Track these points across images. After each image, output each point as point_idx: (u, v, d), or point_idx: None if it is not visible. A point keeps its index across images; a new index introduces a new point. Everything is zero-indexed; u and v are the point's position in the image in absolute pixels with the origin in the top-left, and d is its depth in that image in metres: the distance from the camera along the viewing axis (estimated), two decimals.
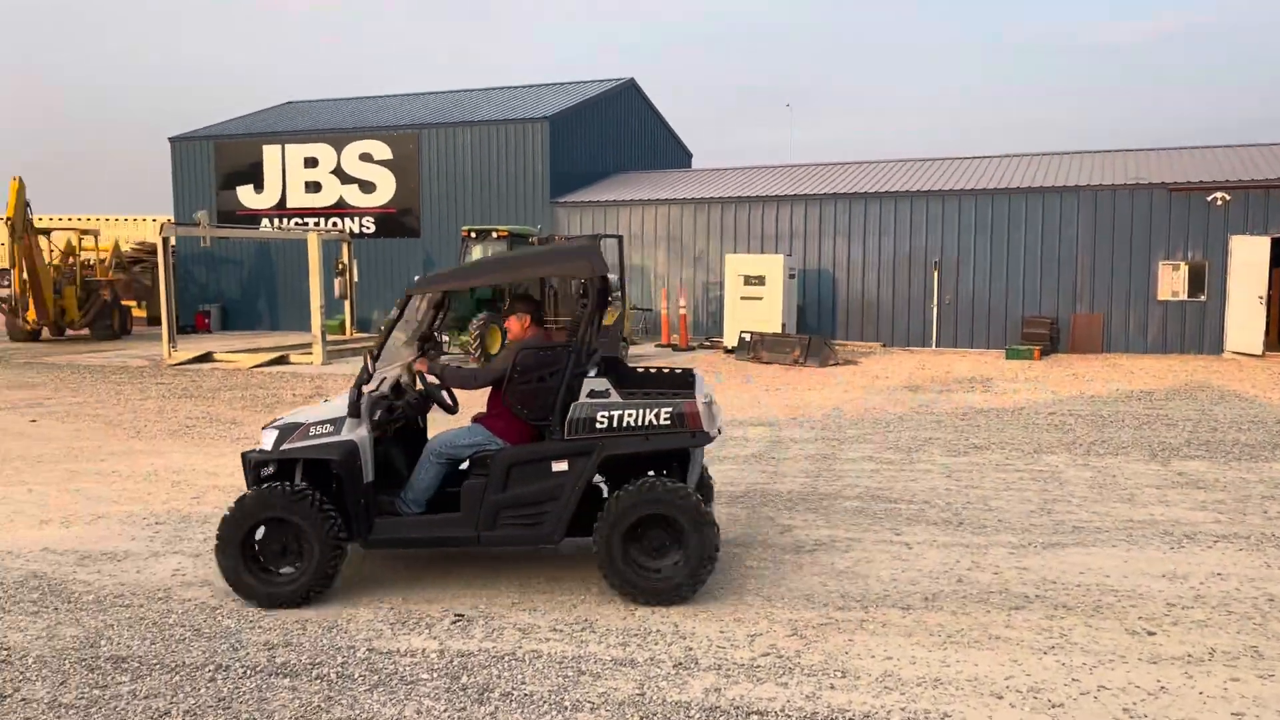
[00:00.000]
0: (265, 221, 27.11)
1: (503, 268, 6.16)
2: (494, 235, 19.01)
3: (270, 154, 27.16)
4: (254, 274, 27.49)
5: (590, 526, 5.76)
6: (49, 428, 11.64)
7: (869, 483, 8.75)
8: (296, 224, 26.64)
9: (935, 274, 21.46)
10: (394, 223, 26.12)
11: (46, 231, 25.02)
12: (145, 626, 5.36)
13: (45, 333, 23.79)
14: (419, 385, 6.46)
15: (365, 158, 26.26)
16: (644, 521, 5.59)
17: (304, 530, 5.51)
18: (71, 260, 24.56)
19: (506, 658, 4.92)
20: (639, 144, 29.84)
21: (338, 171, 26.49)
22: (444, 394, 6.43)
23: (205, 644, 5.11)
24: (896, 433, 11.24)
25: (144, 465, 9.59)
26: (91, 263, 25.89)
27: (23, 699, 4.47)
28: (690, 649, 5.02)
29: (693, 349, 21.42)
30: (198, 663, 4.88)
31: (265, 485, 5.64)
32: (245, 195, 27.52)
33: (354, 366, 17.89)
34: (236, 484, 8.70)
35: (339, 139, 26.44)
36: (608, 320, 18.02)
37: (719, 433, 5.91)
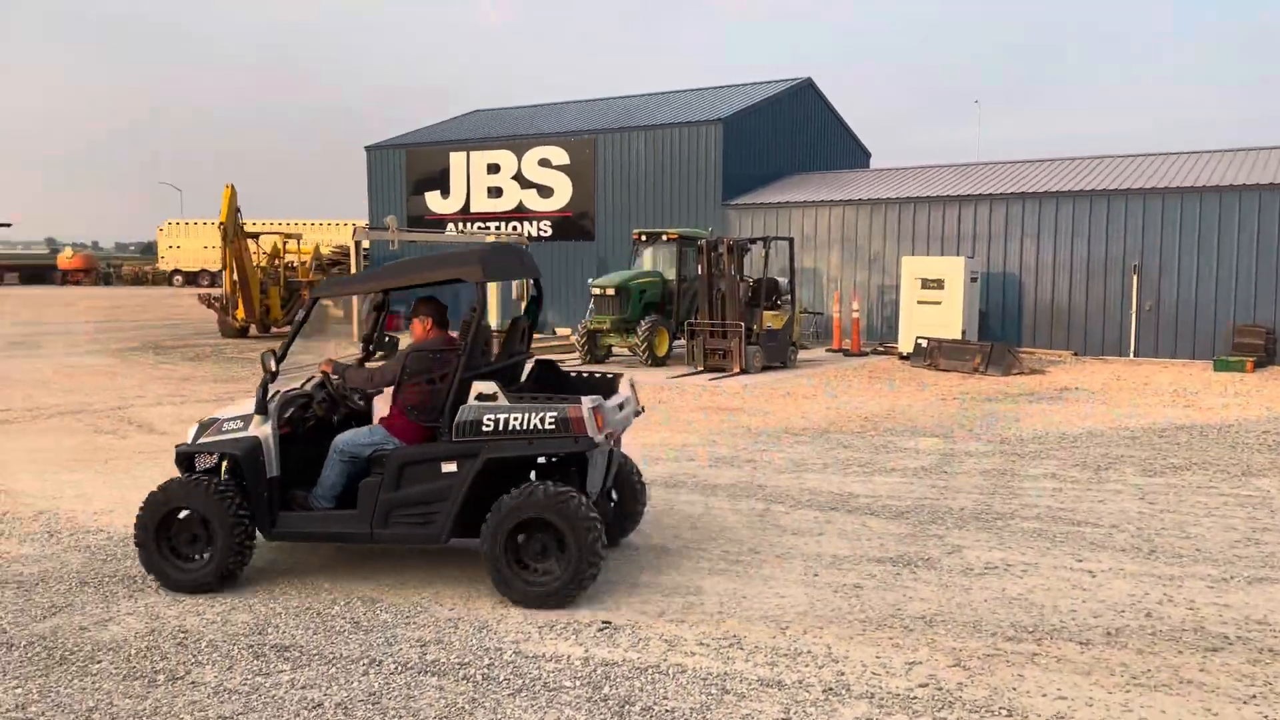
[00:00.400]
0: (450, 225, 28.22)
1: (400, 273, 6.27)
2: (664, 238, 19.04)
3: (456, 160, 28.26)
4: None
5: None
6: None
7: (1050, 502, 8.16)
8: (479, 228, 27.60)
9: (1135, 278, 19.98)
10: (570, 226, 26.65)
11: (255, 236, 26.92)
12: (310, 616, 5.56)
13: (252, 329, 25.58)
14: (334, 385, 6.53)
15: (544, 163, 26.92)
16: (527, 525, 5.63)
17: (209, 520, 5.74)
18: (276, 262, 26.33)
19: (650, 670, 4.82)
20: (815, 144, 29.28)
21: (518, 177, 27.27)
22: (355, 395, 6.56)
23: (362, 637, 5.25)
24: (1084, 449, 10.47)
25: None
26: (294, 264, 27.68)
27: (192, 681, 4.71)
28: (842, 674, 4.77)
29: (865, 354, 20.79)
30: (353, 655, 5.01)
31: (178, 477, 5.94)
32: (433, 200, 28.74)
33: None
34: None
35: (519, 145, 27.21)
36: (776, 324, 17.73)
37: (608, 439, 5.87)
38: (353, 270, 20.27)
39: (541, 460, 5.99)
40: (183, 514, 5.85)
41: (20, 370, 17.43)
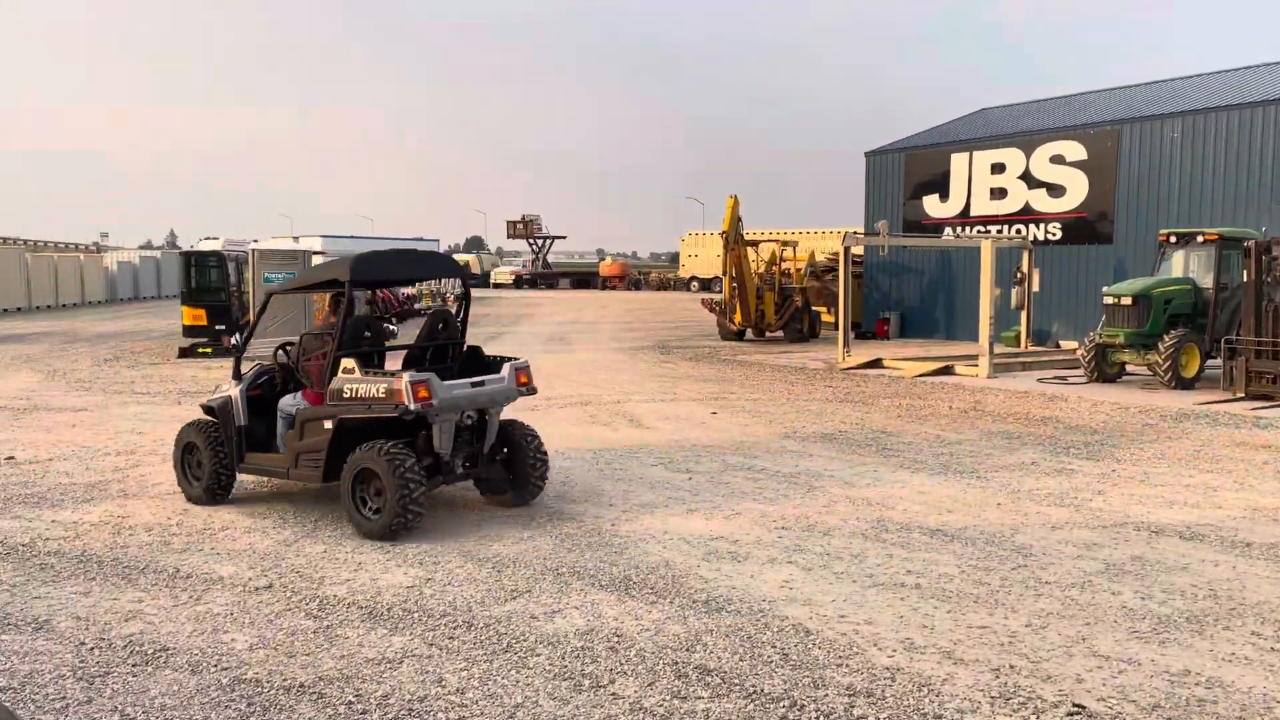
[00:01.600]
0: (947, 230, 26.97)
1: (302, 278, 9.00)
2: (1199, 239, 16.23)
3: (957, 162, 26.91)
4: (933, 282, 27.56)
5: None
6: (725, 420, 12.74)
7: None
8: (978, 231, 26.01)
9: None
10: (1083, 228, 24.01)
11: (755, 243, 27.99)
12: (739, 639, 5.27)
13: (749, 333, 26.62)
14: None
15: (1056, 160, 24.57)
16: (363, 474, 7.10)
17: (202, 451, 8.00)
18: (774, 269, 27.14)
19: None
20: None
21: (1025, 176, 25.20)
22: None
23: (789, 673, 4.83)
24: None
25: (789, 466, 9.88)
26: (789, 271, 28.33)
27: (613, 693, 4.62)
28: None
29: None
30: (775, 693, 4.61)
31: (193, 420, 8.27)
32: (930, 204, 27.69)
33: (1021, 382, 16.72)
34: (885, 498, 8.46)
35: (1028, 142, 25.13)
36: None
37: (426, 406, 7.04)
38: (840, 277, 20.10)
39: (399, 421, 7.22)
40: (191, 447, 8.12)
41: (550, 363, 19.75)
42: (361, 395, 7.16)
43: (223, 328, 20.39)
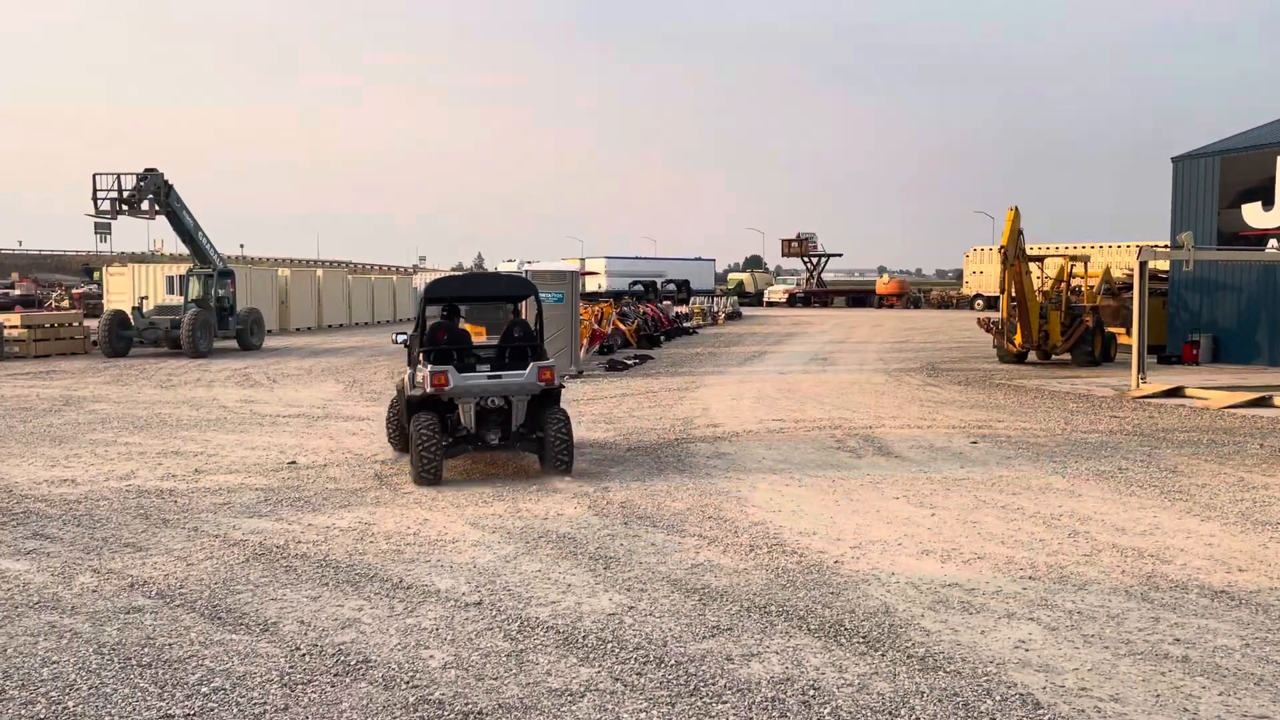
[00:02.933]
0: (1273, 242, 23.68)
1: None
2: None
3: None
4: (1254, 301, 24.27)
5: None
6: (986, 451, 11.74)
7: None
8: None
9: None
10: None
11: (1039, 259, 25.98)
12: (953, 706, 4.70)
13: (1031, 355, 24.68)
14: None
15: None
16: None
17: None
18: (1061, 286, 25.02)
19: None
20: None
21: None
22: None
23: None
24: None
25: (1051, 506, 8.89)
26: (1079, 288, 26.02)
27: None
28: None
29: None
30: None
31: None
32: (1251, 213, 24.44)
33: None
34: (1162, 549, 7.41)
35: None
36: None
37: (439, 390, 9.66)
38: (1135, 295, 18.12)
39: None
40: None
41: (807, 383, 19.26)
42: (415, 382, 9.87)
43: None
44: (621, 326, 28.14)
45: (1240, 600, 6.26)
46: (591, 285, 61.35)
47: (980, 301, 58.93)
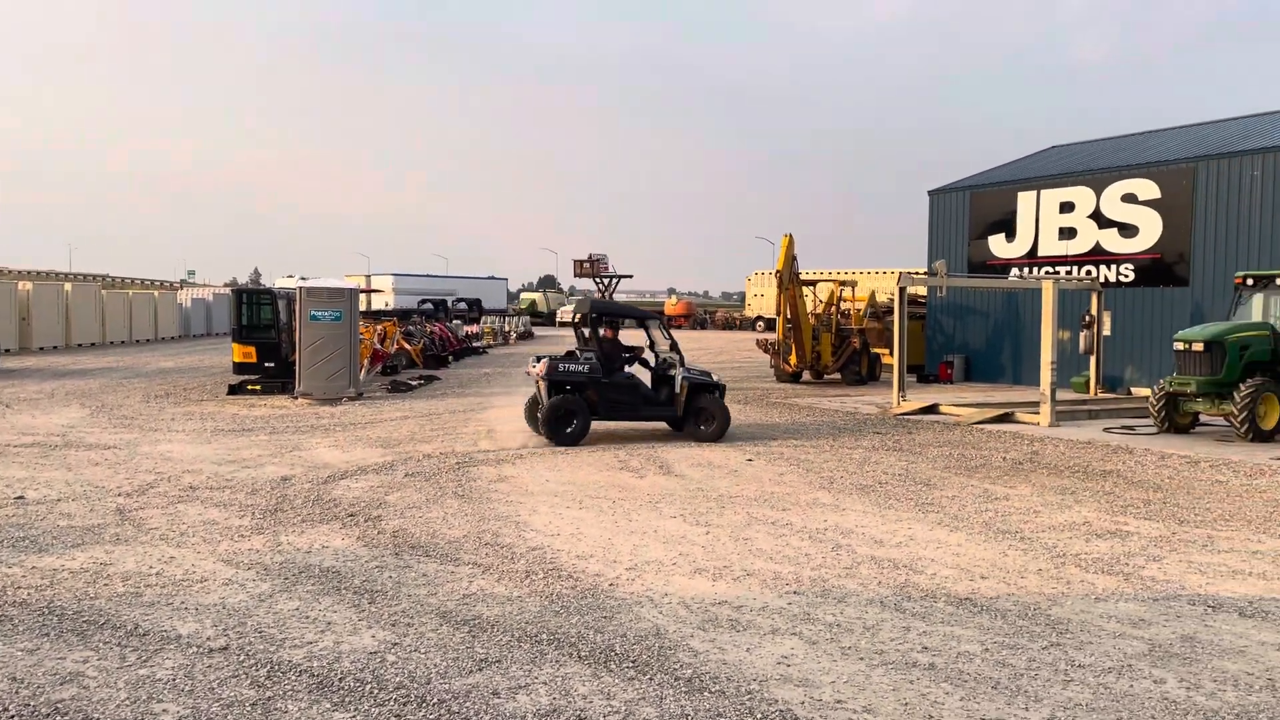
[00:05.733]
0: (1015, 271, 25.99)
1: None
2: (1277, 281, 15.18)
3: (1024, 200, 25.97)
4: (1000, 325, 26.54)
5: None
6: (759, 469, 12.13)
7: None
8: (1046, 273, 25.00)
9: None
10: (1158, 270, 22.86)
11: (812, 283, 27.33)
12: None
13: (805, 375, 25.89)
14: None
15: (1129, 198, 23.51)
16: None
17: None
18: (831, 309, 26.43)
19: None
20: None
21: (1095, 215, 24.17)
22: None
23: None
24: None
25: (818, 521, 9.25)
26: (848, 311, 27.57)
27: None
28: None
29: None
30: None
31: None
32: (996, 244, 26.74)
33: (1085, 431, 15.76)
34: (914, 559, 7.80)
35: (1099, 180, 24.13)
36: None
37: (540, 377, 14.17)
38: (895, 319, 19.39)
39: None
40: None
41: None
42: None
43: (271, 365, 20.46)
44: (407, 346, 27.37)
45: (982, 607, 6.69)
46: (378, 303, 59.59)
47: (761, 323, 61.52)
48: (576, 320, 15.54)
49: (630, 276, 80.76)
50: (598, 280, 77.57)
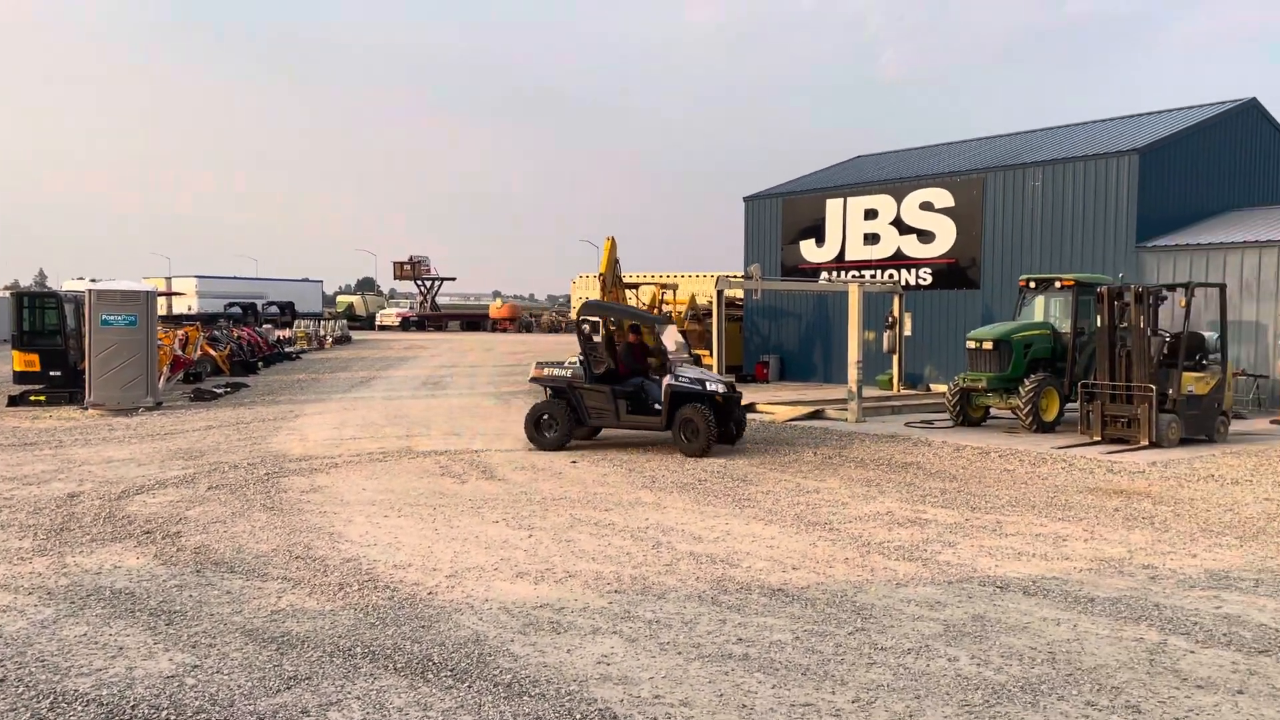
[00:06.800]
0: (824, 274, 27.20)
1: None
2: (1056, 285, 16.54)
3: (833, 207, 27.23)
4: (811, 327, 27.71)
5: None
6: (583, 471, 12.18)
7: None
8: (852, 276, 26.29)
9: None
10: (953, 273, 24.47)
11: (634, 286, 27.75)
12: None
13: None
14: None
15: (925, 206, 25.05)
16: None
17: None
18: (655, 311, 26.89)
19: None
20: (1257, 176, 24.56)
21: (896, 222, 25.62)
22: None
23: None
24: None
25: (639, 520, 9.38)
26: (670, 314, 28.12)
27: None
28: None
29: None
30: None
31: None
32: (807, 249, 27.91)
33: (889, 426, 16.67)
34: (731, 554, 8.00)
35: (899, 188, 25.59)
36: (1201, 388, 14.57)
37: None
38: (714, 320, 19.96)
39: None
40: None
41: (417, 409, 18.92)
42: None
43: (58, 374, 18.95)
44: (212, 352, 25.95)
45: (793, 597, 6.95)
46: (180, 306, 56.29)
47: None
48: (579, 321, 15.18)
49: (453, 279, 79.51)
50: (419, 282, 75.98)
